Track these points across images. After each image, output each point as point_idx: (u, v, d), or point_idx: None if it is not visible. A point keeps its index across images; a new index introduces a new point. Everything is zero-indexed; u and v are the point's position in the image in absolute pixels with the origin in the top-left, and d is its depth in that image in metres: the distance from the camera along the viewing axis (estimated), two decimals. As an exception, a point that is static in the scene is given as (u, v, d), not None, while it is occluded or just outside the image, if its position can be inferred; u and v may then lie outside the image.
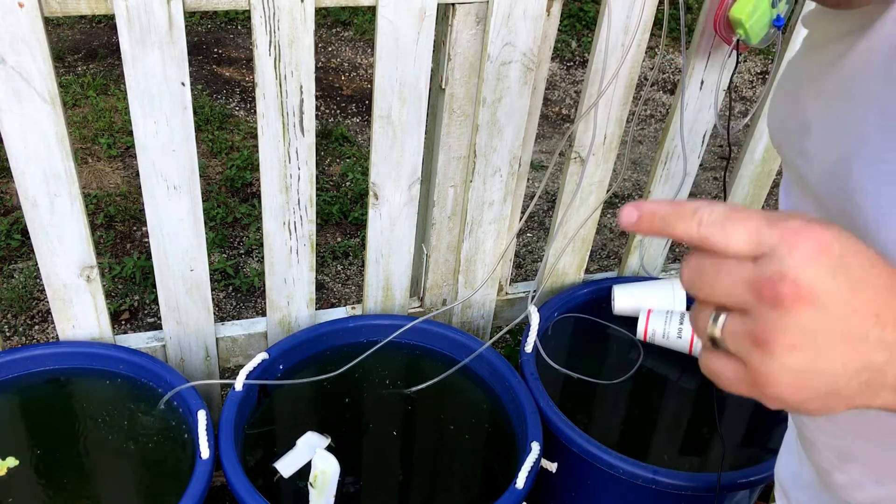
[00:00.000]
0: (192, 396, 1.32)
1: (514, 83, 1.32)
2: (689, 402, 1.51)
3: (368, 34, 3.51)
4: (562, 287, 1.69)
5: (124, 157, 2.61)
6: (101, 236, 2.28)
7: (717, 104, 1.49)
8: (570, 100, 3.24)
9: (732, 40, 1.34)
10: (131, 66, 1.12)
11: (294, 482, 1.27)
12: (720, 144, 2.98)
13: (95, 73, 3.03)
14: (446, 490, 1.32)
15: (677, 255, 2.46)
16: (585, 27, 3.67)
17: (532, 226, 2.51)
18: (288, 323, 1.50)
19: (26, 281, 2.11)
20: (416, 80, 1.27)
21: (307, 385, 1.43)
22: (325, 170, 2.65)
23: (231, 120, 2.86)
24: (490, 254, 1.55)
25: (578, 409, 1.45)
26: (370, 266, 1.48)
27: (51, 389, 1.36)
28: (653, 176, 1.59)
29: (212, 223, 2.36)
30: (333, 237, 2.38)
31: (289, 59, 1.18)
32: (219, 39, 3.41)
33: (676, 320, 1.54)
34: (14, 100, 1.10)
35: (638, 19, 1.32)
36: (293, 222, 1.36)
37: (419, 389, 1.44)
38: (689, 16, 3.43)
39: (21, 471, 1.23)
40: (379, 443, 1.37)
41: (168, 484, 1.23)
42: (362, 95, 3.12)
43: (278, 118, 1.23)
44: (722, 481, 1.25)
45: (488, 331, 1.70)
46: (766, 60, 3.58)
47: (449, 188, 1.45)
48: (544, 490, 1.44)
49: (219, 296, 2.14)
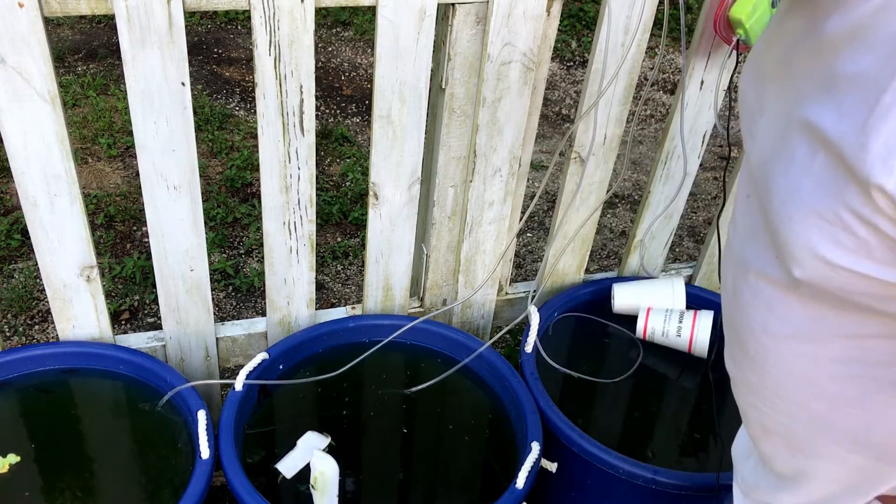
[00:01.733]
0: (192, 396, 1.32)
1: (514, 83, 1.32)
2: (689, 401, 1.51)
3: (368, 34, 3.51)
4: (562, 287, 1.69)
5: (124, 157, 2.61)
6: (101, 236, 2.28)
7: (717, 104, 1.49)
8: (570, 100, 3.24)
9: (732, 40, 1.34)
10: (131, 66, 1.12)
11: (295, 483, 1.27)
12: (720, 144, 2.98)
13: (95, 73, 3.04)
14: (446, 490, 1.32)
15: (677, 255, 2.46)
16: (585, 27, 3.67)
17: (532, 226, 2.51)
18: (288, 323, 1.50)
19: (26, 281, 2.11)
20: (416, 80, 1.27)
21: (307, 385, 1.43)
22: (325, 170, 2.65)
23: (231, 120, 2.86)
24: (490, 254, 1.55)
25: (578, 408, 1.45)
26: (370, 266, 1.48)
27: (51, 389, 1.36)
28: (653, 176, 1.59)
29: (212, 223, 2.36)
30: (333, 237, 2.38)
31: (289, 59, 1.18)
32: (219, 39, 3.42)
33: (676, 318, 1.54)
34: (14, 100, 1.10)
35: (638, 19, 1.32)
36: (293, 222, 1.36)
37: (419, 389, 1.44)
38: (689, 16, 3.43)
39: (22, 470, 1.23)
40: (379, 443, 1.37)
41: (168, 484, 1.23)
42: (362, 95, 3.12)
43: (278, 118, 1.23)
44: (721, 481, 1.25)
45: (488, 331, 1.70)
46: (766, 60, 3.57)
47: (449, 188, 1.45)
48: (544, 490, 1.44)
49: (219, 296, 2.14)
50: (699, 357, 1.55)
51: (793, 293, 0.64)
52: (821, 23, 0.57)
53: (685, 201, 1.66)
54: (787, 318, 0.66)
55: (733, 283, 0.71)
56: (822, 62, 0.57)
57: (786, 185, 0.60)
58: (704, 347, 1.53)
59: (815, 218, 0.58)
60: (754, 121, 0.67)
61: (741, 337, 0.71)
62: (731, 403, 1.49)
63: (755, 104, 0.67)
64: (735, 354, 0.74)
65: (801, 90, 0.59)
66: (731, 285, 0.72)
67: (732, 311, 0.72)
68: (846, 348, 0.65)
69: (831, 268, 0.59)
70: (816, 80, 0.57)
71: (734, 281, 0.71)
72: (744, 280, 0.68)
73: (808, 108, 0.58)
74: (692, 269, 1.81)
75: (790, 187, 0.59)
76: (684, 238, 2.54)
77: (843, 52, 0.55)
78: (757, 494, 0.84)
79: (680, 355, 1.56)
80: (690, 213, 2.64)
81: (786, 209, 0.60)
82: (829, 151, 0.56)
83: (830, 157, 0.56)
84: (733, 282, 0.71)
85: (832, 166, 0.56)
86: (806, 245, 0.59)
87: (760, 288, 0.67)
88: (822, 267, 0.59)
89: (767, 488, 0.82)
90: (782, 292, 0.65)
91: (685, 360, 1.56)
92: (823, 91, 0.56)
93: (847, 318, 0.63)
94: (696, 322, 1.53)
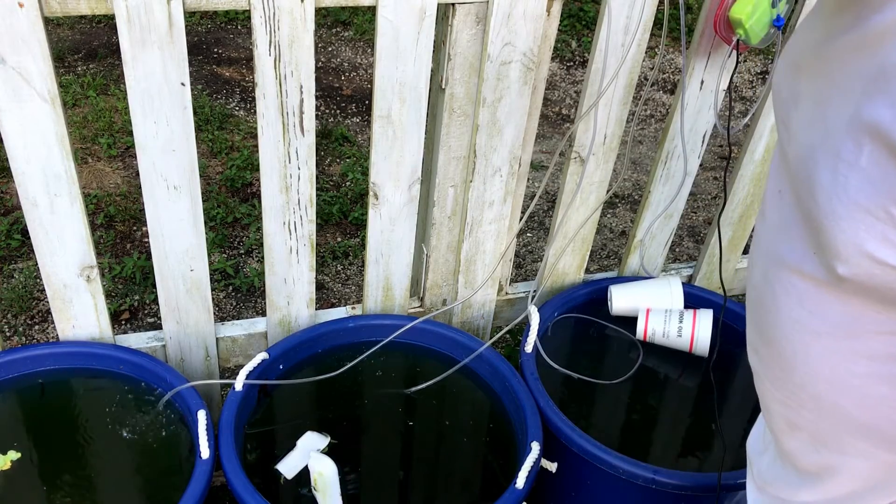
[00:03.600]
0: (192, 396, 1.32)
1: (514, 83, 1.32)
2: (690, 402, 1.51)
3: (368, 34, 3.51)
4: (562, 287, 1.69)
5: (124, 157, 2.61)
6: (101, 236, 2.28)
7: (717, 104, 1.49)
8: (570, 100, 3.24)
9: (732, 40, 1.34)
10: (131, 66, 1.12)
11: (295, 483, 1.27)
12: (720, 144, 2.98)
13: (95, 73, 3.03)
14: (446, 490, 1.32)
15: (677, 254, 2.46)
16: (585, 27, 3.67)
17: (532, 226, 2.51)
18: (288, 323, 1.50)
19: (26, 281, 2.11)
20: (416, 80, 1.27)
21: (307, 385, 1.43)
22: (325, 170, 2.65)
23: (231, 120, 2.86)
24: (490, 254, 1.55)
25: (578, 409, 1.45)
26: (370, 266, 1.48)
27: (51, 389, 1.36)
28: (653, 176, 1.59)
29: (212, 223, 2.36)
30: (333, 237, 2.38)
31: (289, 59, 1.18)
32: (219, 39, 3.42)
33: (676, 319, 1.54)
34: (14, 100, 1.10)
35: (638, 19, 1.32)
36: (293, 222, 1.36)
37: (419, 389, 1.44)
38: (689, 16, 3.43)
39: (22, 470, 1.23)
40: (379, 443, 1.37)
41: (168, 484, 1.23)
42: (362, 95, 3.12)
43: (278, 118, 1.23)
44: (722, 481, 1.25)
45: (488, 331, 1.70)
46: (766, 60, 3.58)
47: (449, 188, 1.45)
48: (544, 490, 1.44)
49: (219, 296, 2.14)
50: (700, 356, 1.55)
51: (831, 289, 0.63)
52: (866, 17, 0.56)
53: (685, 201, 1.66)
54: (823, 315, 0.65)
55: (762, 279, 0.70)
56: (868, 56, 0.56)
57: (830, 181, 0.59)
58: (705, 347, 1.53)
59: (862, 214, 0.57)
60: (789, 114, 0.67)
61: (769, 333, 0.71)
62: (733, 403, 1.49)
63: (789, 97, 0.67)
64: (760, 349, 0.74)
65: (843, 85, 0.59)
66: (760, 280, 0.71)
67: (760, 306, 0.71)
68: (885, 345, 0.64)
69: (878, 265, 0.58)
70: (864, 75, 0.57)
71: (763, 276, 0.70)
72: (775, 275, 0.68)
73: (856, 103, 0.57)
74: (692, 269, 1.81)
75: (835, 183, 0.58)
76: (684, 238, 2.54)
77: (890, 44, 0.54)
78: (774, 489, 0.84)
79: (680, 355, 1.56)
80: (690, 213, 2.64)
81: (830, 205, 0.59)
82: (879, 145, 0.55)
83: (880, 152, 0.56)
84: (762, 277, 0.70)
85: (881, 161, 0.56)
86: (852, 242, 0.59)
87: (794, 283, 0.66)
88: (868, 264, 0.59)
89: (786, 484, 0.81)
90: (819, 288, 0.64)
91: (686, 359, 1.56)
92: (872, 84, 0.56)
93: (889, 315, 0.62)
94: (696, 321, 1.53)
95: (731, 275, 1.80)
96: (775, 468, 0.83)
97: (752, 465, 0.89)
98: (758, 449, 0.88)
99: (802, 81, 0.65)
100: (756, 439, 0.90)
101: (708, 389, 1.50)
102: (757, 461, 0.88)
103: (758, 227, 0.72)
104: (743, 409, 1.48)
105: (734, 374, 1.55)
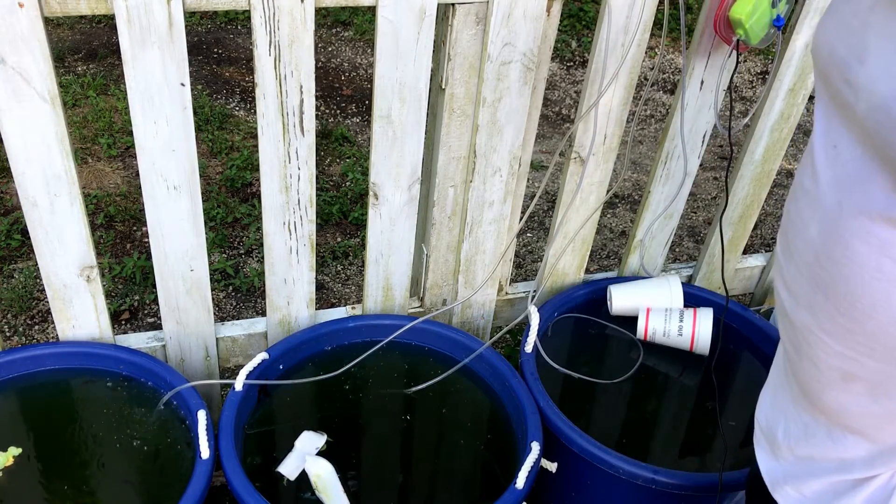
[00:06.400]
0: (192, 396, 1.32)
1: (514, 83, 1.32)
2: (691, 401, 1.51)
3: (368, 34, 3.51)
4: (562, 287, 1.69)
5: (124, 157, 2.61)
6: (101, 236, 2.28)
7: (717, 104, 1.49)
8: (570, 100, 3.24)
9: (732, 40, 1.34)
10: (131, 66, 1.12)
11: (295, 482, 1.27)
12: (720, 144, 2.98)
13: (95, 73, 3.04)
14: (446, 490, 1.32)
15: (677, 255, 2.46)
16: (585, 27, 3.67)
17: (532, 226, 2.51)
18: (288, 323, 1.50)
19: (26, 281, 2.11)
20: (416, 80, 1.27)
21: (307, 385, 1.43)
22: (325, 170, 2.65)
23: (231, 120, 2.86)
24: (490, 254, 1.55)
25: (578, 409, 1.45)
26: (370, 266, 1.48)
27: (51, 389, 1.36)
28: (653, 176, 1.59)
29: (212, 223, 2.36)
30: (333, 237, 2.38)
31: (289, 59, 1.18)
32: (219, 39, 3.42)
33: (676, 318, 1.54)
34: (14, 100, 1.10)
35: (638, 19, 1.32)
36: (293, 222, 1.36)
37: (419, 389, 1.44)
38: (689, 16, 3.43)
39: (22, 470, 1.23)
40: (379, 443, 1.37)
41: (168, 484, 1.23)
42: (362, 95, 3.12)
43: (278, 118, 1.23)
44: (723, 481, 1.25)
45: (488, 331, 1.70)
46: (766, 60, 3.58)
47: (449, 188, 1.45)
48: (544, 490, 1.44)
49: (219, 296, 2.14)
50: (700, 355, 1.55)
51: None
52: None
53: (685, 201, 1.66)
54: None
55: (823, 234, 0.70)
56: None
57: None
58: (706, 345, 1.53)
59: None
60: (851, 70, 0.67)
61: (837, 286, 0.71)
62: (734, 403, 1.49)
63: (849, 55, 0.67)
64: (817, 304, 0.74)
65: None
66: (818, 237, 0.71)
67: (825, 261, 0.71)
68: None
69: None
70: None
71: (828, 231, 0.70)
72: (846, 227, 0.68)
73: None
74: (692, 269, 1.81)
75: None
76: (684, 238, 2.54)
77: None
78: (801, 450, 0.83)
79: (681, 354, 1.56)
80: (690, 213, 2.64)
81: None
82: None
83: None
84: (823, 233, 0.70)
85: None
86: None
87: (874, 233, 0.66)
88: None
89: (818, 442, 0.81)
90: None
91: (687, 359, 1.56)
92: None
93: None
94: (696, 320, 1.53)
95: (731, 275, 1.80)
96: (797, 428, 0.83)
97: (766, 432, 0.89)
98: (772, 416, 0.88)
99: (870, 39, 0.65)
100: (765, 402, 0.90)
101: (709, 388, 1.50)
102: (773, 416, 0.87)
103: (806, 186, 0.73)
104: (743, 409, 1.48)
105: (735, 373, 1.55)
